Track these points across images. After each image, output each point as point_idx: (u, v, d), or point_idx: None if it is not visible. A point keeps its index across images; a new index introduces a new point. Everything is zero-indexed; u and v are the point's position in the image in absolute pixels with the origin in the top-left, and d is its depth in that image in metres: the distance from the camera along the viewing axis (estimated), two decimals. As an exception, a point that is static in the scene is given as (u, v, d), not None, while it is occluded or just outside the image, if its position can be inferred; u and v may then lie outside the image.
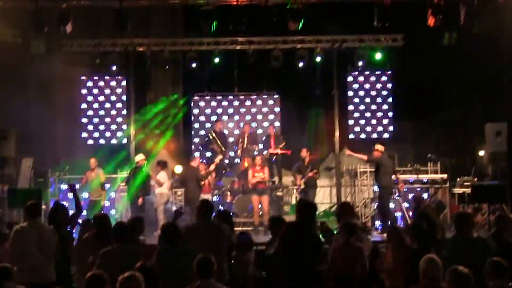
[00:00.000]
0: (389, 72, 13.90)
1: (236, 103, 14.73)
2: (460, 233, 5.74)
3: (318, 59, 13.00)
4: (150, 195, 11.69)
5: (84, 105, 13.79)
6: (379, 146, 11.38)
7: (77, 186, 11.85)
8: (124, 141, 13.60)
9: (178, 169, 13.03)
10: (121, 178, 12.57)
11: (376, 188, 12.10)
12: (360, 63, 13.22)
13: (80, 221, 7.74)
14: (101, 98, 13.83)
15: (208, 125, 14.54)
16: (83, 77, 13.78)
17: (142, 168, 11.37)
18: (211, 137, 13.35)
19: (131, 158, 12.76)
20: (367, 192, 12.29)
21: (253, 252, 6.66)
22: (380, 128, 13.88)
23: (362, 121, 13.89)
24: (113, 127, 13.79)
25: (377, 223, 12.10)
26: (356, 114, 13.93)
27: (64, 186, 12.74)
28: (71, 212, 7.03)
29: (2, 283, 4.89)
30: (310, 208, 5.99)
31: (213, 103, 14.72)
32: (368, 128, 13.89)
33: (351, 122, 13.87)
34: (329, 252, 6.23)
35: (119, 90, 13.90)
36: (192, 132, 14.66)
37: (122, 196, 12.41)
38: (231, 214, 7.44)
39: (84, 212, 11.83)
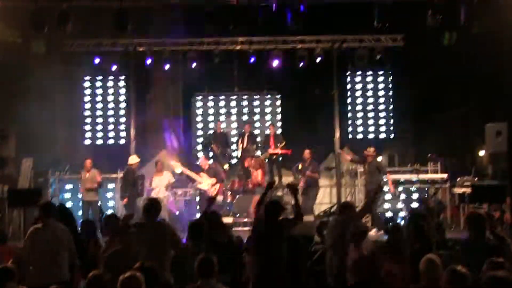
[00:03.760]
0: (389, 72, 13.92)
1: (236, 103, 14.72)
2: (474, 235, 5.71)
3: (318, 59, 13.01)
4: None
5: (84, 105, 13.82)
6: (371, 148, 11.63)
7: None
8: (125, 141, 13.65)
9: (179, 169, 13.02)
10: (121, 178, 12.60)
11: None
12: (360, 63, 13.23)
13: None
14: (101, 98, 13.86)
15: (208, 125, 14.52)
16: (84, 77, 13.81)
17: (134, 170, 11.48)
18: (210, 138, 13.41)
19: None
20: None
21: None
22: (380, 128, 13.92)
23: (362, 121, 13.93)
24: (114, 127, 13.82)
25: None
26: (356, 114, 13.97)
27: (67, 186, 12.76)
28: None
29: (5, 284, 4.89)
30: (272, 207, 6.05)
31: (213, 103, 14.71)
32: (368, 128, 13.94)
33: (351, 122, 13.90)
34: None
35: (119, 90, 13.93)
36: (193, 132, 14.65)
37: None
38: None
39: (80, 212, 12.05)
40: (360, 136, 13.94)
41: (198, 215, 11.50)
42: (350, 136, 13.92)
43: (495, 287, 4.11)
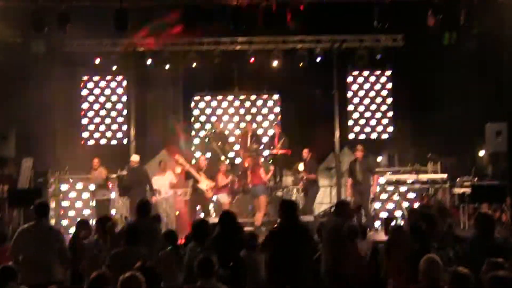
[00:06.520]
0: (389, 72, 13.94)
1: (236, 103, 14.70)
2: (482, 234, 5.72)
3: (318, 59, 13.02)
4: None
5: (84, 105, 13.86)
6: (359, 146, 11.77)
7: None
8: (125, 141, 13.67)
9: (178, 169, 13.02)
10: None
11: (377, 188, 12.16)
12: (360, 63, 13.24)
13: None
14: (102, 99, 13.90)
15: (208, 125, 14.52)
16: (84, 78, 13.83)
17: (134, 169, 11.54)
18: (209, 137, 13.39)
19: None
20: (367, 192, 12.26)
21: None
22: (379, 128, 13.95)
23: (362, 121, 13.97)
24: (114, 127, 13.85)
25: (377, 223, 12.13)
26: (356, 114, 14.00)
27: (64, 186, 12.77)
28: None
29: (6, 283, 4.90)
30: (291, 206, 6.07)
31: (213, 103, 14.70)
32: (368, 128, 13.97)
33: (351, 122, 13.93)
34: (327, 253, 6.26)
35: (119, 90, 13.96)
36: (193, 133, 14.64)
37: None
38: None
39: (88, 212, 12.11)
40: (360, 136, 13.94)
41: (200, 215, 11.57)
42: (350, 136, 13.93)
43: (496, 287, 4.11)
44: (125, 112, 13.89)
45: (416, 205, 12.02)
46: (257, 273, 6.36)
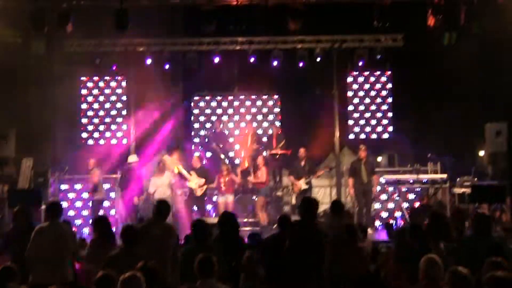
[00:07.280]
0: (389, 72, 13.94)
1: (236, 103, 14.70)
2: (478, 234, 5.73)
3: (318, 59, 13.02)
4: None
5: (84, 105, 13.85)
6: (362, 146, 11.84)
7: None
8: (124, 141, 13.67)
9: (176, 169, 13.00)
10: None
11: (378, 188, 12.14)
12: (360, 63, 13.24)
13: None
14: (101, 98, 13.90)
15: (208, 125, 14.52)
16: (83, 78, 13.83)
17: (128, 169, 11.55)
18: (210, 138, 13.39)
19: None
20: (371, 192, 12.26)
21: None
22: (379, 128, 13.95)
23: (362, 121, 13.98)
24: (113, 127, 13.85)
25: (377, 223, 12.13)
26: (356, 114, 14.02)
27: (64, 186, 12.76)
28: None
29: (6, 284, 4.89)
30: (312, 205, 6.07)
31: (213, 103, 14.70)
32: (368, 128, 13.97)
33: (351, 122, 13.93)
34: (329, 254, 6.25)
35: (119, 90, 13.96)
36: (192, 133, 14.64)
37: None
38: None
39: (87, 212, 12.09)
40: (360, 136, 13.95)
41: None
42: (350, 136, 13.94)
43: (496, 287, 4.11)
44: (125, 112, 13.89)
45: (417, 205, 12.02)
46: (257, 272, 6.35)
